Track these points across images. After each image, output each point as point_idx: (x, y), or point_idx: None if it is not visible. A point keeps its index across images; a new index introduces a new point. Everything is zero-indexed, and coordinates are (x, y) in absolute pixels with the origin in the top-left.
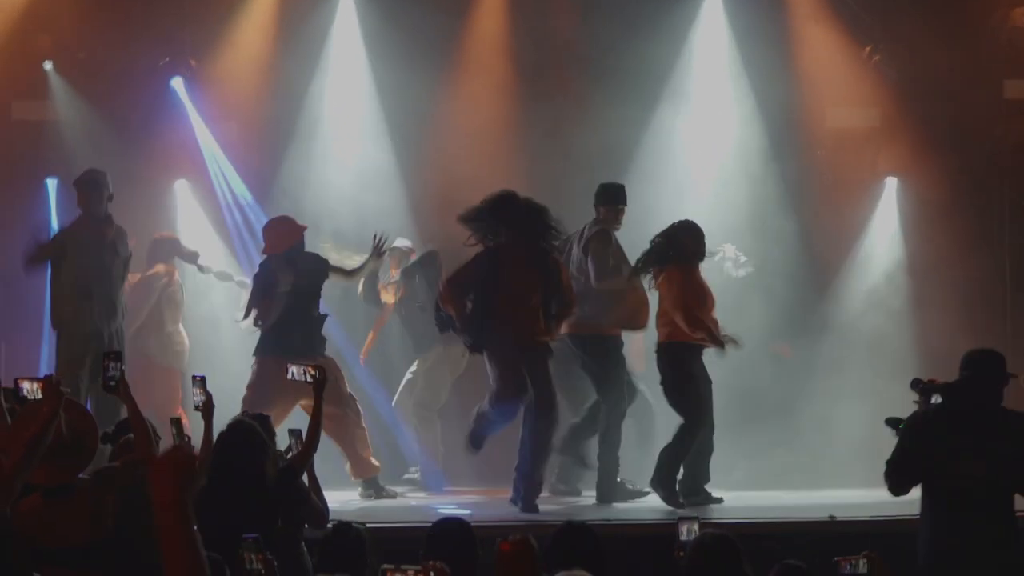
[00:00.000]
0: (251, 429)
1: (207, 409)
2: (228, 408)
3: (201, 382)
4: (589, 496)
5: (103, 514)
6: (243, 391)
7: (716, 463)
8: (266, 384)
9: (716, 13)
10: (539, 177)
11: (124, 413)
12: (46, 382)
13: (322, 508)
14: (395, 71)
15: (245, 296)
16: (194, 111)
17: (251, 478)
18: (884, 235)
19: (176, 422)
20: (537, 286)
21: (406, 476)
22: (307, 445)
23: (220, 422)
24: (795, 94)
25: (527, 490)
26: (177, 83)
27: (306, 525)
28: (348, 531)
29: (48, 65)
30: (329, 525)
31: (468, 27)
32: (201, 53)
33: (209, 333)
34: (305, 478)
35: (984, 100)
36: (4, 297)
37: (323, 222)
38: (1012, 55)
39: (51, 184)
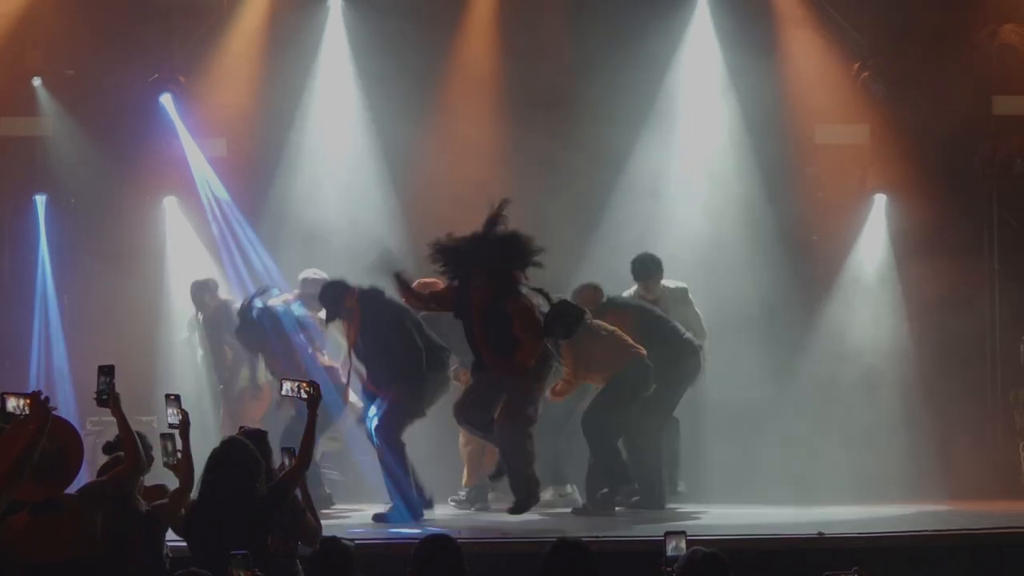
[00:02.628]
0: (243, 446)
1: (184, 427)
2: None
3: (176, 400)
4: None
5: (91, 529)
6: None
7: (711, 476)
8: None
9: (704, 31)
10: (526, 194)
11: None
12: (33, 398)
13: (315, 525)
14: (384, 88)
15: None
16: (183, 127)
17: (242, 494)
18: (872, 252)
19: (170, 438)
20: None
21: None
22: (299, 462)
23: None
24: (784, 111)
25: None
26: (166, 99)
27: (299, 542)
28: (336, 547)
29: (37, 82)
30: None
31: (457, 44)
32: (190, 69)
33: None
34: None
35: (973, 116)
36: None
37: (313, 237)
38: (1001, 71)
39: (40, 200)
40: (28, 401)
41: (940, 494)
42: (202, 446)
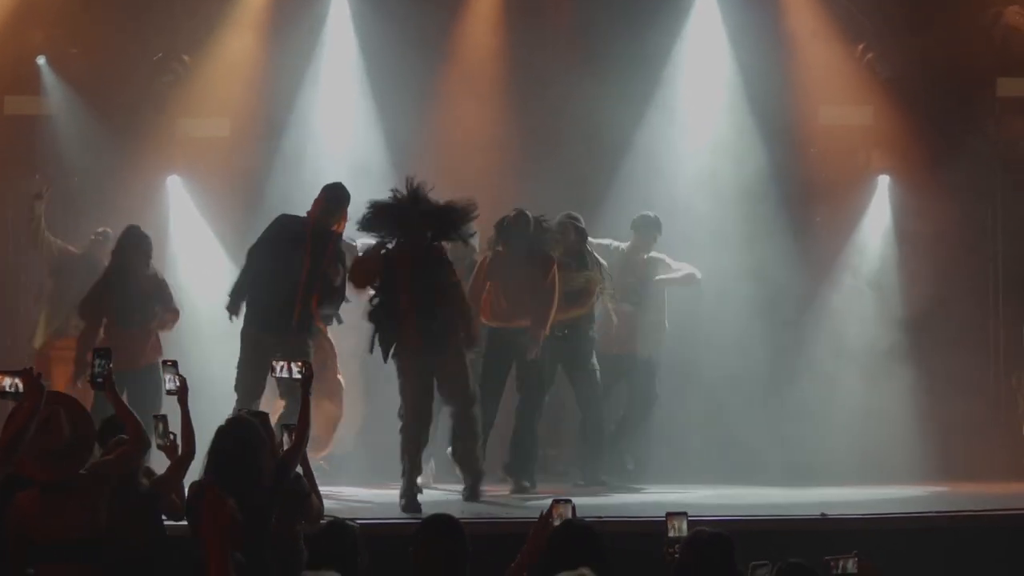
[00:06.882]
0: (249, 424)
1: (182, 394)
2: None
3: (173, 366)
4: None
5: (99, 509)
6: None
7: (707, 457)
8: None
9: (709, 11)
10: (529, 178)
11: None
12: (27, 376)
13: (319, 505)
14: (388, 67)
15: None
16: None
17: (248, 473)
18: (876, 233)
19: (162, 419)
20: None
21: None
22: (297, 439)
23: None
24: (788, 92)
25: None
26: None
27: (302, 521)
28: (341, 528)
29: (41, 60)
30: (323, 521)
31: (461, 26)
32: (194, 49)
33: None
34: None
35: (977, 98)
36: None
37: None
38: (1005, 53)
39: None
40: (23, 379)
41: (942, 475)
42: None
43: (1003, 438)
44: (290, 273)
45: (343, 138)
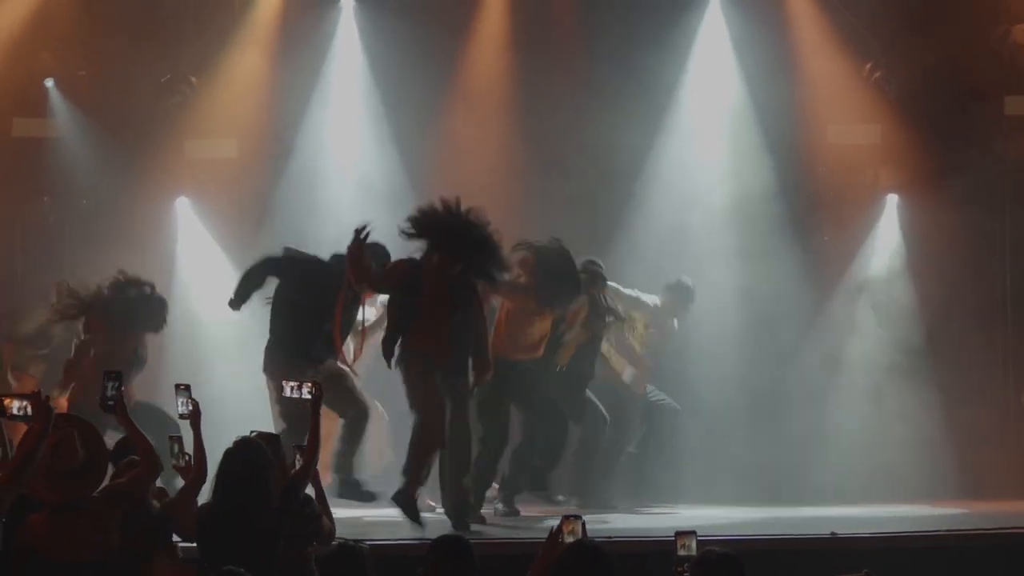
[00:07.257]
0: (256, 446)
1: (195, 418)
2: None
3: (186, 390)
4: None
5: (110, 531)
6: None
7: (715, 477)
8: None
9: (717, 29)
10: (538, 200)
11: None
12: (35, 399)
13: (329, 526)
14: (396, 88)
15: None
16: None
17: (256, 495)
18: (884, 252)
19: (178, 440)
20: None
21: None
22: (306, 461)
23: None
24: (796, 110)
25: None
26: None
27: (314, 543)
28: (351, 550)
29: (49, 82)
30: (334, 543)
31: (469, 48)
32: (201, 70)
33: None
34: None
35: (985, 116)
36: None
37: (324, 239)
38: (1013, 71)
39: None
40: (32, 402)
41: (952, 492)
42: None
43: (1015, 456)
44: (323, 315)
45: (350, 158)
